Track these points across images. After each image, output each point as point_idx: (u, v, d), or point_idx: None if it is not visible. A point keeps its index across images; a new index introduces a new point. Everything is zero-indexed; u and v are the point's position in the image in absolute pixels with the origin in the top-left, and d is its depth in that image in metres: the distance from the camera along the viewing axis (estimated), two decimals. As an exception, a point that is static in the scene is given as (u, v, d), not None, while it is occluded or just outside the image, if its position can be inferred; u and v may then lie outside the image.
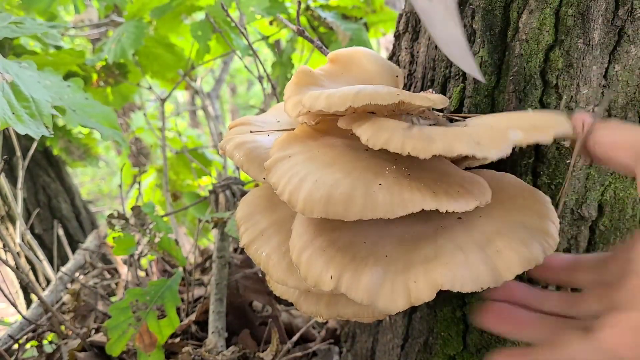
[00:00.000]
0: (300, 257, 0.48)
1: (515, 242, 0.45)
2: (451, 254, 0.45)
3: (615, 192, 0.55)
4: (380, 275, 0.45)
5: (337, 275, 0.45)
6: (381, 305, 0.44)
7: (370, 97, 0.48)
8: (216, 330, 0.97)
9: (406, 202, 0.44)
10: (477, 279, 0.43)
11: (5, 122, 0.70)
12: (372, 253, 0.47)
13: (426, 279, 0.43)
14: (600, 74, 0.52)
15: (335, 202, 0.44)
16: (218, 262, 1.10)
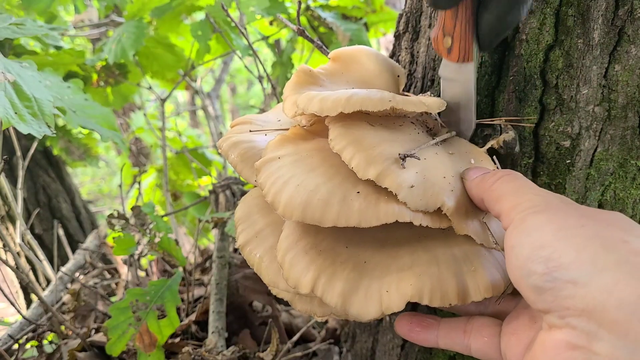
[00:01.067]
0: (284, 258, 0.49)
1: (491, 266, 0.45)
2: (426, 266, 0.45)
3: (615, 192, 0.55)
4: (355, 282, 0.45)
5: (314, 279, 0.45)
6: (354, 311, 0.44)
7: (362, 103, 0.49)
8: (216, 330, 0.97)
9: (380, 213, 0.44)
10: (445, 295, 0.43)
11: (8, 122, 0.70)
12: (351, 258, 0.47)
13: (397, 289, 0.44)
14: (601, 74, 0.52)
15: (312, 208, 0.44)
16: (218, 262, 1.10)
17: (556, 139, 0.55)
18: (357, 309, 0.44)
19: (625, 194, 0.55)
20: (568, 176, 0.56)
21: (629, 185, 0.55)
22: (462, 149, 0.55)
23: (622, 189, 0.55)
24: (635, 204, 0.55)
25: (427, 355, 0.72)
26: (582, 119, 0.54)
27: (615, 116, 0.53)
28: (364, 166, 0.45)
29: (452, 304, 0.43)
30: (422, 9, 0.69)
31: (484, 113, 0.60)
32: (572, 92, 0.53)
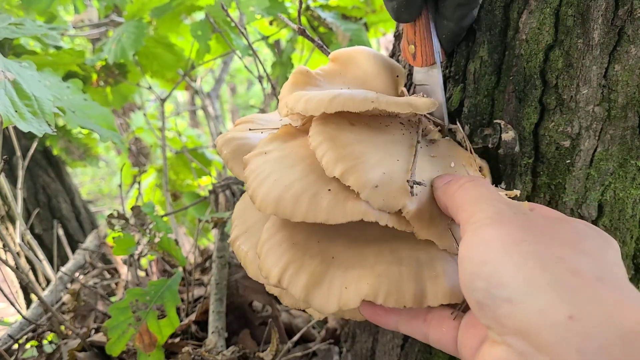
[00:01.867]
0: (261, 249, 0.50)
1: (455, 273, 0.45)
2: (387, 266, 0.45)
3: (615, 192, 0.55)
4: (319, 275, 0.46)
5: (282, 270, 0.46)
6: (315, 304, 0.45)
7: (344, 104, 0.49)
8: (216, 330, 0.97)
9: (347, 211, 0.45)
10: (401, 298, 0.44)
11: (9, 120, 0.70)
12: (321, 252, 0.48)
13: (355, 287, 0.44)
14: (600, 74, 0.52)
15: (284, 203, 0.45)
16: (218, 262, 1.10)
17: (556, 139, 0.55)
18: (319, 303, 0.45)
19: (625, 194, 0.55)
20: (568, 176, 0.56)
21: (629, 185, 0.55)
22: (446, 153, 0.55)
23: (622, 189, 0.55)
24: (635, 204, 0.55)
25: (427, 355, 0.72)
26: (582, 119, 0.54)
27: (615, 116, 0.53)
28: (332, 163, 0.46)
29: (407, 306, 0.44)
30: (422, 8, 0.69)
31: (483, 113, 0.60)
32: (572, 92, 0.53)
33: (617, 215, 0.56)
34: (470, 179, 0.46)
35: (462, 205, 0.43)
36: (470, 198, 0.43)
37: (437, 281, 0.45)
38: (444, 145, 0.57)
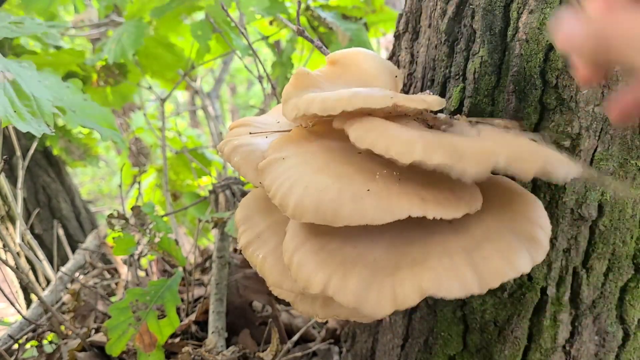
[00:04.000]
0: (291, 259, 0.48)
1: (503, 250, 0.45)
2: (438, 259, 0.45)
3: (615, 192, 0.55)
4: (367, 279, 0.45)
5: (326, 279, 0.45)
6: (368, 309, 0.44)
7: (364, 100, 0.48)
8: (216, 330, 0.97)
9: (393, 210, 0.44)
10: (463, 285, 0.43)
11: (7, 120, 0.70)
12: (361, 257, 0.47)
13: (412, 284, 0.43)
14: (600, 74, 0.52)
15: (324, 209, 0.44)
16: (218, 262, 1.10)
17: (556, 139, 0.55)
18: (371, 306, 0.43)
19: (625, 193, 0.55)
20: (568, 176, 0.56)
21: (629, 185, 0.55)
22: (469, 127, 0.55)
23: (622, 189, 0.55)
24: (635, 204, 0.55)
25: (427, 355, 0.72)
26: (582, 119, 0.54)
27: (615, 116, 0.53)
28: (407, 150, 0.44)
29: (468, 294, 0.43)
30: (422, 9, 0.69)
31: (483, 113, 0.60)
32: (572, 92, 0.53)
33: (617, 215, 0.56)
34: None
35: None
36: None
37: (490, 262, 0.44)
38: (462, 123, 0.56)
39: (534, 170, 0.43)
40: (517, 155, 0.45)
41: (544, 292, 0.60)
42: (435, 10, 0.65)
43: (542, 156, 0.45)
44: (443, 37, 0.63)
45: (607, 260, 0.58)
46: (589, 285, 0.59)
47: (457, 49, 0.62)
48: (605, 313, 0.60)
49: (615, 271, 0.58)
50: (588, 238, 0.58)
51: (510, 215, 0.48)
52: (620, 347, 0.61)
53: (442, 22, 0.63)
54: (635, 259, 0.57)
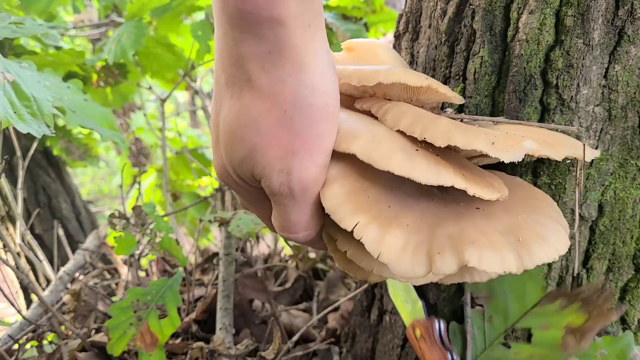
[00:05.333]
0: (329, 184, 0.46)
1: (536, 236, 0.45)
2: (475, 235, 0.44)
3: (615, 192, 0.56)
4: (403, 239, 0.44)
5: (364, 224, 0.43)
6: (401, 269, 0.43)
7: (402, 76, 0.48)
8: (224, 327, 0.98)
9: (440, 172, 0.43)
10: (502, 262, 0.42)
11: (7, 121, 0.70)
12: (395, 218, 0.46)
13: (452, 253, 0.42)
14: (601, 74, 0.53)
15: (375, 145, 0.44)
16: (225, 259, 1.10)
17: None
18: (405, 267, 0.42)
19: (625, 194, 0.55)
20: (568, 176, 0.56)
21: (629, 185, 0.55)
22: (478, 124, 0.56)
23: (622, 189, 0.55)
24: (636, 204, 0.55)
25: (427, 355, 0.72)
26: (582, 119, 0.54)
27: (615, 116, 0.53)
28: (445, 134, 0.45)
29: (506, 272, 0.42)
30: (422, 9, 0.69)
31: (484, 113, 0.60)
32: (572, 92, 0.53)
33: (617, 216, 0.56)
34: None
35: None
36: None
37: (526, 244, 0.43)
38: (469, 120, 0.57)
39: (564, 151, 0.45)
40: (541, 138, 0.47)
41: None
42: (435, 11, 0.65)
43: (564, 138, 0.48)
44: (443, 38, 0.63)
45: (607, 260, 0.58)
46: (589, 285, 0.59)
47: (457, 49, 0.62)
48: (605, 313, 0.60)
49: (616, 271, 0.58)
50: (588, 238, 0.58)
51: (534, 210, 0.49)
52: (620, 347, 0.61)
53: (442, 23, 0.63)
54: (636, 259, 0.57)
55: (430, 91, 0.52)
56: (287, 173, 0.42)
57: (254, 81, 0.39)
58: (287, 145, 0.41)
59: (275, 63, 0.38)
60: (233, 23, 0.37)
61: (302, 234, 0.48)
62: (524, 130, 0.51)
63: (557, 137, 0.50)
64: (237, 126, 0.42)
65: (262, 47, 0.37)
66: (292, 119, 0.40)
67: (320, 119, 0.41)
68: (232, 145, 0.43)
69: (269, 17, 0.35)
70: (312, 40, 0.39)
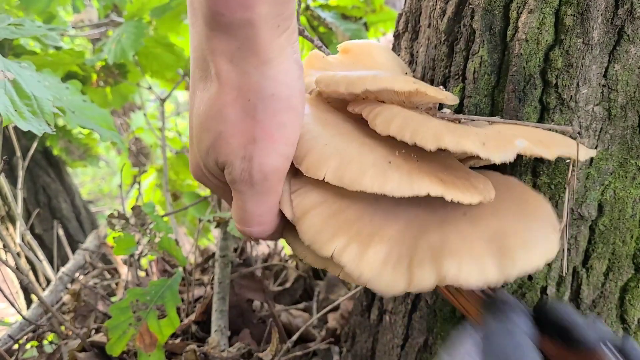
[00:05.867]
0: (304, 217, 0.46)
1: (521, 243, 0.44)
2: (457, 245, 0.43)
3: (615, 192, 0.55)
4: (383, 254, 0.43)
5: (342, 247, 0.43)
6: (381, 286, 0.42)
7: (388, 82, 0.48)
8: (219, 329, 0.97)
9: (413, 183, 0.43)
10: (483, 273, 0.41)
11: (8, 119, 0.70)
12: (376, 232, 0.45)
13: (431, 267, 0.42)
14: (600, 74, 0.52)
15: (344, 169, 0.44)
16: (221, 261, 1.10)
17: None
18: (385, 283, 0.42)
19: (625, 193, 0.55)
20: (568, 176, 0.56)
21: (629, 184, 0.55)
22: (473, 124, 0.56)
23: (621, 188, 0.55)
24: (635, 203, 0.55)
25: (427, 355, 0.72)
26: (581, 118, 0.54)
27: (615, 115, 0.53)
28: (435, 136, 0.44)
29: (488, 283, 0.41)
30: (422, 8, 0.69)
31: (483, 113, 0.60)
32: (571, 91, 0.53)
33: (617, 215, 0.56)
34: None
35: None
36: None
37: (510, 252, 0.42)
38: (466, 120, 0.56)
39: (558, 150, 0.45)
40: (534, 137, 0.46)
41: (544, 291, 0.60)
42: (435, 10, 0.65)
43: (559, 137, 0.47)
44: (442, 37, 0.63)
45: (607, 259, 0.58)
46: (589, 285, 0.59)
47: (456, 49, 0.62)
48: (605, 313, 0.60)
49: (615, 271, 0.58)
50: (588, 238, 0.58)
51: (524, 213, 0.48)
52: (620, 347, 0.61)
53: (441, 22, 0.63)
54: (636, 259, 0.57)
55: (420, 94, 0.52)
56: (249, 160, 0.43)
57: (222, 73, 0.42)
58: (250, 132, 0.43)
59: (243, 57, 0.41)
60: (207, 22, 0.39)
61: (256, 228, 0.49)
62: (518, 130, 0.50)
63: (552, 136, 0.49)
64: (205, 117, 0.44)
65: (232, 43, 0.40)
66: (255, 108, 0.42)
67: (282, 109, 0.43)
68: (201, 136, 0.45)
69: (240, 19, 0.38)
70: (279, 38, 0.41)
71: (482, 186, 0.48)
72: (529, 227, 0.46)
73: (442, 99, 0.52)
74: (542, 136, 0.49)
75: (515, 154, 0.44)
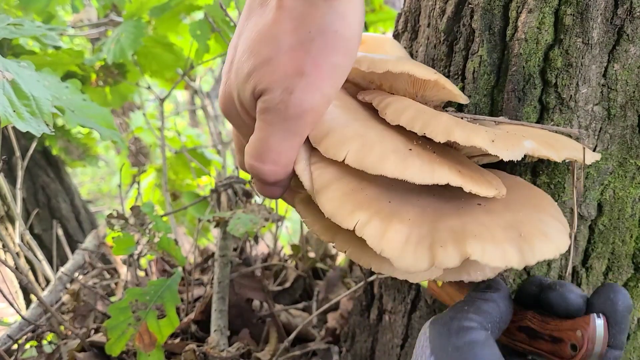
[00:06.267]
0: (325, 189, 0.46)
1: (537, 233, 0.44)
2: (478, 229, 0.44)
3: (614, 192, 0.55)
4: (405, 233, 0.43)
5: (365, 221, 0.43)
6: (404, 263, 0.42)
7: (410, 67, 0.48)
8: (218, 329, 0.97)
9: (434, 171, 0.43)
10: (504, 256, 0.42)
11: (7, 120, 0.70)
12: (396, 213, 0.45)
13: (455, 246, 0.42)
14: (600, 73, 0.52)
15: (365, 152, 0.44)
16: (220, 260, 1.10)
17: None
18: (408, 260, 0.42)
19: (625, 193, 0.55)
20: (567, 176, 0.56)
21: (628, 184, 0.55)
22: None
23: (621, 188, 0.55)
24: (635, 203, 0.55)
25: (426, 355, 0.72)
26: (581, 118, 0.54)
27: (615, 115, 0.53)
28: (445, 130, 0.45)
29: (508, 266, 0.42)
30: (421, 8, 0.69)
31: (483, 112, 0.60)
32: (571, 91, 0.53)
33: (616, 215, 0.56)
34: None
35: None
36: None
37: (528, 240, 0.43)
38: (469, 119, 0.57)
39: (565, 152, 0.45)
40: (541, 138, 0.47)
41: (544, 291, 0.60)
42: (434, 10, 0.65)
43: (565, 140, 0.48)
44: (442, 37, 0.63)
45: (607, 259, 0.58)
46: (589, 285, 0.59)
47: (456, 49, 0.61)
48: (604, 312, 0.60)
49: (615, 270, 0.58)
50: (587, 237, 0.58)
51: (535, 208, 0.49)
52: (619, 346, 0.61)
53: (441, 22, 0.63)
54: (635, 259, 0.57)
55: (438, 86, 0.52)
56: (290, 92, 0.42)
57: (287, 1, 0.40)
58: (300, 65, 0.41)
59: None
60: None
61: (269, 166, 0.46)
62: (525, 130, 0.51)
63: (558, 138, 0.50)
64: (258, 39, 0.42)
65: None
66: (313, 41, 0.40)
67: (340, 48, 0.41)
68: (247, 58, 0.43)
69: None
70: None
71: (495, 182, 0.48)
72: (542, 220, 0.46)
73: (457, 95, 0.53)
74: (548, 137, 0.49)
75: (523, 154, 0.45)
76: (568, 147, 0.48)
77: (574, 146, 0.49)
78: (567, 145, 0.49)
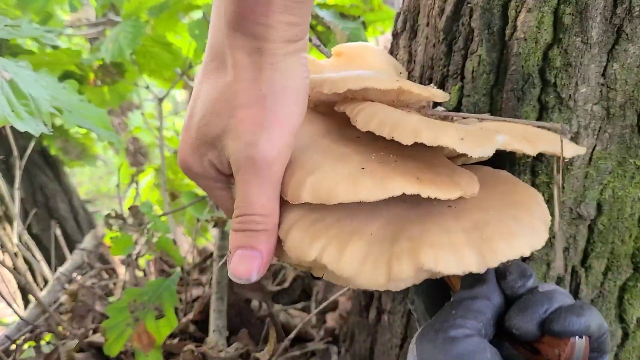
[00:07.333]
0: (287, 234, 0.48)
1: (503, 232, 0.44)
2: (437, 236, 0.44)
3: (614, 191, 0.55)
4: (364, 250, 0.44)
5: (322, 249, 0.45)
6: (362, 280, 0.44)
7: (370, 81, 0.49)
8: (217, 329, 0.97)
9: (386, 186, 0.44)
10: (462, 261, 0.42)
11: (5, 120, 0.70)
12: (358, 230, 0.47)
13: (409, 257, 0.43)
14: (599, 73, 0.52)
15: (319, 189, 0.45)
16: (219, 260, 1.10)
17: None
18: (366, 278, 0.43)
19: (624, 192, 0.55)
20: (567, 175, 0.56)
21: (628, 183, 0.55)
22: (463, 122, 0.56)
23: (620, 187, 0.55)
24: (634, 202, 0.55)
25: (425, 355, 0.71)
26: (580, 117, 0.54)
27: (614, 115, 0.53)
28: (413, 131, 0.45)
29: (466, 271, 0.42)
30: (420, 7, 0.69)
31: (482, 112, 0.60)
32: (570, 90, 0.53)
33: (616, 214, 0.56)
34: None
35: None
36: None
37: (490, 242, 0.43)
38: (458, 118, 0.57)
39: (542, 146, 0.45)
40: (519, 133, 0.47)
41: (543, 291, 0.60)
42: (433, 9, 0.65)
43: (547, 134, 0.48)
44: (441, 36, 0.63)
45: (606, 259, 0.58)
46: (588, 285, 0.59)
47: (455, 48, 0.61)
48: (604, 312, 0.60)
49: (614, 270, 0.58)
50: (587, 237, 0.58)
51: (511, 205, 0.48)
52: (619, 347, 0.61)
53: (440, 21, 0.63)
54: (634, 258, 0.57)
55: (405, 93, 0.52)
56: (255, 146, 0.46)
57: (239, 64, 0.46)
58: (259, 120, 0.46)
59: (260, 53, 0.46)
60: (230, 23, 0.45)
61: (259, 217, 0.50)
62: (505, 126, 0.51)
63: (538, 133, 0.49)
64: (217, 100, 0.47)
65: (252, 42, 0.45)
66: (266, 98, 0.46)
67: (290, 99, 0.47)
68: (210, 120, 0.48)
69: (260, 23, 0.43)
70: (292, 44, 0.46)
71: (465, 182, 0.48)
72: (515, 216, 0.46)
73: (428, 97, 0.52)
74: (528, 132, 0.49)
75: (494, 149, 0.45)
76: (546, 141, 0.48)
77: (555, 140, 0.48)
78: (546, 139, 0.48)
